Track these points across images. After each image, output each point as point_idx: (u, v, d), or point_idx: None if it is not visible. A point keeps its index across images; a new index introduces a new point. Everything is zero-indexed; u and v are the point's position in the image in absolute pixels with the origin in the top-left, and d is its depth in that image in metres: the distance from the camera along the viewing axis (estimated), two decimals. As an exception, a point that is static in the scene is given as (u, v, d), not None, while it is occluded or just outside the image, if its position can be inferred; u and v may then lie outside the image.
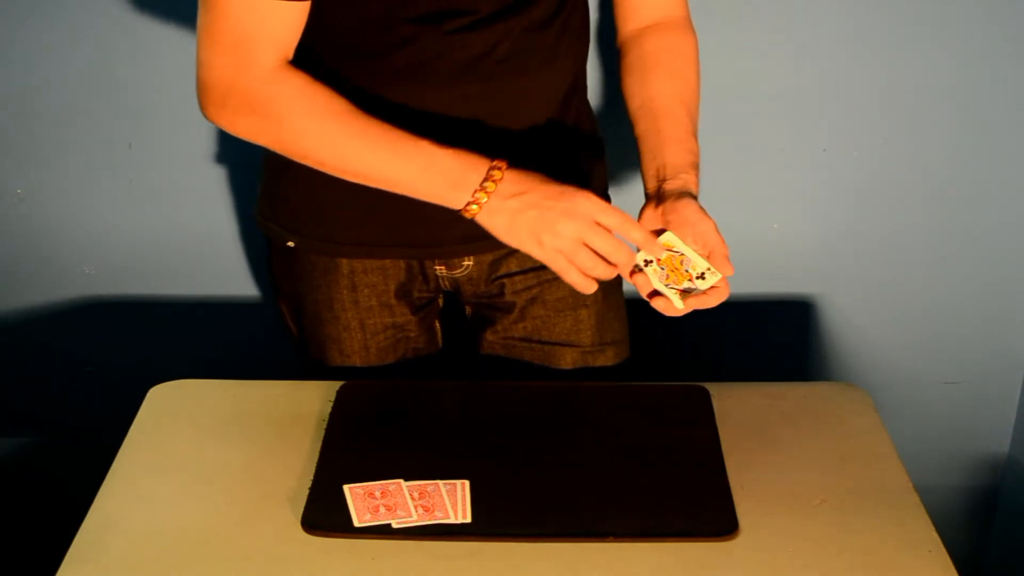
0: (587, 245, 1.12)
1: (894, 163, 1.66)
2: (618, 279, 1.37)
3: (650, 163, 1.22)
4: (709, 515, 1.10)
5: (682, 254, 1.15)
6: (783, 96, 1.61)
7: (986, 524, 1.97)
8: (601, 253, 1.12)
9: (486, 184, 1.13)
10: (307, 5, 1.11)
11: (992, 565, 1.98)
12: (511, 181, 1.13)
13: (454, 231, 1.27)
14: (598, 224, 1.12)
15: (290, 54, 1.14)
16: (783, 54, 1.58)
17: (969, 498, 1.95)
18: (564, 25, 1.23)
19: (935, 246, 1.72)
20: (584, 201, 1.12)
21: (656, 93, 1.24)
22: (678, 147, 1.21)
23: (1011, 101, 1.61)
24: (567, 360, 1.39)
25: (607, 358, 1.40)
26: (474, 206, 1.13)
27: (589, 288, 1.14)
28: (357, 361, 1.38)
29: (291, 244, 1.33)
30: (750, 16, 1.55)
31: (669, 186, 1.19)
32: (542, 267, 1.35)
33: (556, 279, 1.35)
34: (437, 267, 1.35)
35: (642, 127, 1.24)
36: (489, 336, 1.41)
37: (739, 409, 1.27)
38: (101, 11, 1.55)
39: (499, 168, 1.13)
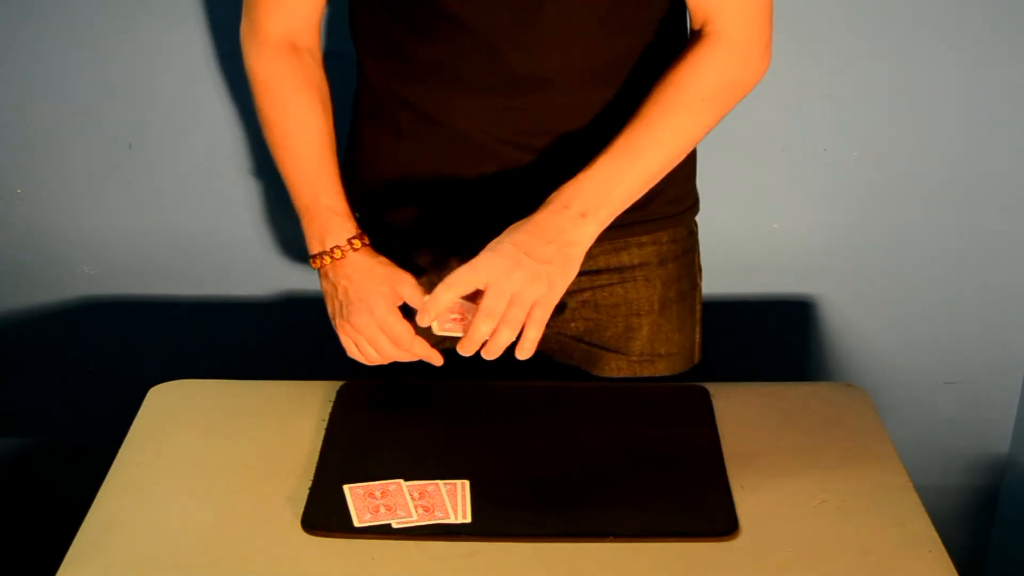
0: (373, 341, 1.19)
1: (894, 163, 1.66)
2: (691, 287, 1.37)
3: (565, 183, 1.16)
4: (709, 515, 1.10)
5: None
6: (783, 96, 1.60)
7: (986, 524, 1.96)
8: (388, 341, 1.18)
9: (334, 251, 1.21)
10: None
11: (992, 565, 1.98)
12: (346, 263, 1.20)
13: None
14: (382, 328, 1.18)
15: (304, 40, 1.21)
16: (783, 54, 1.58)
17: (969, 498, 1.94)
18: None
19: (935, 246, 1.72)
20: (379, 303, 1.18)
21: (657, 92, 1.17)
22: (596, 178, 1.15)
23: (1011, 101, 1.60)
24: (612, 368, 1.35)
25: (656, 369, 1.37)
26: (317, 262, 1.22)
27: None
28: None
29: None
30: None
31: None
32: (595, 272, 1.32)
33: (609, 285, 1.33)
34: None
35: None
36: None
37: (739, 409, 1.27)
38: (101, 11, 1.55)
39: (354, 242, 1.21)
